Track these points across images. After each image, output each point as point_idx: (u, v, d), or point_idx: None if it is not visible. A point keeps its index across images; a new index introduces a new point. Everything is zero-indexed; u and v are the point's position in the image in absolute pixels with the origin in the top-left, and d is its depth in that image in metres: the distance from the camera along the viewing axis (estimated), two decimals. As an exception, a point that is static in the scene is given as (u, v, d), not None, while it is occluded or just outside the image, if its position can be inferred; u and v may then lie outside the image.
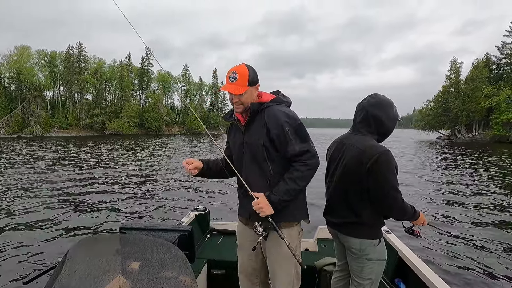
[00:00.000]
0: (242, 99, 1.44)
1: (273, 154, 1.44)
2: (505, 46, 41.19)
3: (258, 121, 1.47)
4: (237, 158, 1.56)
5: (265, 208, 1.36)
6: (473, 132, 42.18)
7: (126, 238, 1.07)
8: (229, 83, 1.42)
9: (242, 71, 1.42)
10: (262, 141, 1.44)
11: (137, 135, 54.74)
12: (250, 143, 1.48)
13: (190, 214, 2.91)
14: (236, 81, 1.40)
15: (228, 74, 1.44)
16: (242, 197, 1.59)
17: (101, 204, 6.81)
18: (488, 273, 3.64)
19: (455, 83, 44.12)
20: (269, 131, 1.43)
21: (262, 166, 1.46)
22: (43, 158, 15.92)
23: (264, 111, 1.47)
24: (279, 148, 1.43)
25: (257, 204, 1.37)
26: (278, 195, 1.38)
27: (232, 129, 1.64)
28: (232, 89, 1.41)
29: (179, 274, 0.96)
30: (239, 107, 1.46)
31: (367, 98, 1.58)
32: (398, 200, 1.43)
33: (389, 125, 1.55)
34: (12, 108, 48.95)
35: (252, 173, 1.49)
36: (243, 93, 1.42)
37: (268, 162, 1.45)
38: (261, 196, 1.39)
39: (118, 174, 11.05)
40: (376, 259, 1.53)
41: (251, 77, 1.43)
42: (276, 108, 1.47)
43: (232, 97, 1.44)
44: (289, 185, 1.39)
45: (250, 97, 1.46)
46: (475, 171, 12.07)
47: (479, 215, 6.06)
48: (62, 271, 0.85)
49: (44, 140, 35.65)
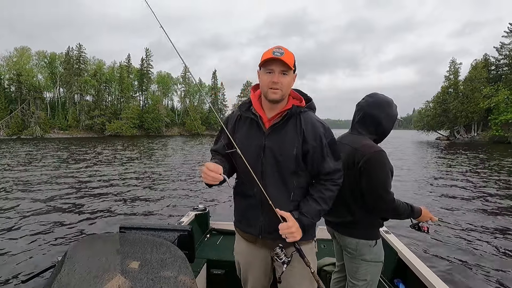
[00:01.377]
0: (284, 82, 1.19)
1: (302, 167, 1.25)
2: (503, 47, 41.35)
3: (292, 126, 1.24)
4: (250, 163, 1.23)
5: (297, 233, 1.17)
6: (472, 132, 42.27)
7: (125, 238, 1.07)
8: (275, 56, 1.16)
9: (289, 51, 1.20)
10: (295, 151, 1.22)
11: (137, 136, 54.74)
12: (276, 150, 1.23)
13: (189, 214, 2.91)
14: (284, 55, 1.16)
15: (270, 50, 1.20)
16: (249, 209, 1.31)
17: (101, 203, 6.81)
18: (488, 274, 3.63)
19: (454, 84, 44.28)
20: (305, 141, 1.23)
21: (286, 178, 1.25)
22: (42, 159, 15.90)
23: (301, 116, 1.26)
24: (311, 162, 1.24)
25: (288, 228, 1.16)
26: (310, 217, 1.21)
27: (241, 123, 1.33)
28: (284, 59, 1.15)
29: (179, 273, 0.96)
30: (276, 91, 1.19)
31: (365, 98, 1.57)
32: (388, 201, 1.40)
33: (388, 125, 1.53)
34: (12, 110, 48.92)
35: (272, 184, 1.24)
36: (288, 74, 1.19)
37: (295, 175, 1.25)
38: (289, 218, 1.18)
39: (118, 174, 11.05)
40: (372, 260, 1.50)
41: (294, 62, 1.22)
42: (313, 115, 1.29)
43: (270, 77, 1.19)
44: (321, 206, 1.23)
45: (289, 86, 1.23)
46: (474, 172, 12.07)
47: (478, 215, 6.07)
48: (62, 270, 0.85)
49: (44, 141, 35.62)
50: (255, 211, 1.29)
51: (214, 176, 1.10)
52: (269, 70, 1.19)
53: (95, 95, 57.47)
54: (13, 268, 3.59)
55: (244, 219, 1.35)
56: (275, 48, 1.20)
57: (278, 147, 1.23)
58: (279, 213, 1.19)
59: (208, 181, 1.12)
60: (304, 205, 1.23)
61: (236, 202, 1.39)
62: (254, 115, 1.27)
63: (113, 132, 54.19)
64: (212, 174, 1.10)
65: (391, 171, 1.43)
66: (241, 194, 1.34)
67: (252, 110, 1.29)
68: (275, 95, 1.20)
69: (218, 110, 76.01)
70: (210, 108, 75.94)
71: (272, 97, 1.20)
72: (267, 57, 1.18)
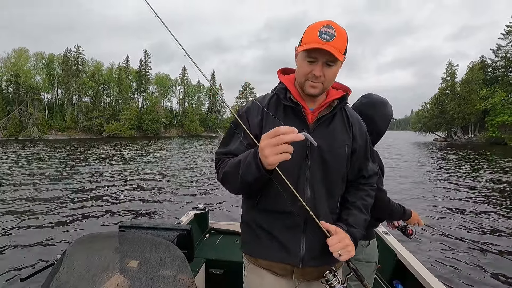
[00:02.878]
0: (329, 75, 0.94)
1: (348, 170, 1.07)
2: (500, 49, 41.72)
3: (339, 121, 1.04)
4: (292, 168, 0.96)
5: (352, 248, 0.95)
6: (469, 134, 42.57)
7: (125, 237, 1.06)
8: (322, 42, 0.88)
9: (341, 30, 0.91)
10: (347, 150, 1.02)
11: (135, 137, 54.62)
12: (326, 149, 0.99)
13: (189, 213, 2.91)
14: (334, 40, 0.88)
15: (315, 28, 0.90)
16: (285, 230, 0.99)
17: (101, 203, 6.82)
18: (486, 275, 3.64)
19: (451, 85, 44.62)
20: (355, 139, 1.05)
21: (335, 185, 1.03)
22: (40, 159, 15.82)
23: (346, 109, 1.08)
24: (355, 163, 1.07)
25: (341, 241, 0.93)
26: (360, 228, 1.01)
27: (270, 117, 1.00)
28: (333, 49, 0.88)
29: (178, 273, 0.96)
30: (316, 86, 0.95)
31: (360, 99, 1.58)
32: (382, 199, 1.41)
33: (383, 125, 1.53)
34: (10, 111, 48.68)
35: (320, 193, 0.99)
36: (335, 64, 0.93)
37: (343, 181, 1.06)
38: (339, 232, 0.95)
39: (117, 174, 11.03)
40: (365, 260, 1.49)
41: (347, 43, 0.94)
42: (353, 110, 1.12)
43: (311, 67, 0.93)
44: (366, 215, 1.06)
45: (334, 78, 0.99)
46: (472, 173, 12.12)
47: (477, 216, 6.08)
48: (61, 268, 0.85)
49: (42, 142, 35.47)
50: (294, 232, 0.99)
51: (292, 138, 0.75)
52: (311, 58, 0.93)
53: (93, 97, 57.32)
54: (12, 267, 3.59)
55: (275, 244, 1.00)
56: (324, 27, 0.89)
57: (328, 146, 0.99)
58: (325, 226, 0.95)
59: (280, 153, 0.76)
60: (348, 215, 1.03)
61: (259, 222, 1.03)
62: (294, 104, 0.99)
63: (111, 134, 54.02)
64: (289, 137, 0.75)
65: (382, 169, 1.44)
66: (272, 212, 1.00)
67: (291, 97, 1.00)
68: (313, 90, 0.96)
69: (217, 111, 76.06)
70: (208, 109, 75.98)
71: (310, 91, 0.97)
72: (311, 40, 0.89)
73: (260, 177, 0.84)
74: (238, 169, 0.89)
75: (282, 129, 0.76)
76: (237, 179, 0.91)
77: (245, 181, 0.88)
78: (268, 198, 1.01)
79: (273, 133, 0.77)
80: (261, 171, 0.82)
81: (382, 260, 1.56)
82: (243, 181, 0.89)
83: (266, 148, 0.77)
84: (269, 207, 1.01)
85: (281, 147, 0.75)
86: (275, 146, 0.76)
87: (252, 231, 1.06)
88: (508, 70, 40.53)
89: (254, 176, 0.85)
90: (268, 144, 0.77)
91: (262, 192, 1.02)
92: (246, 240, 1.09)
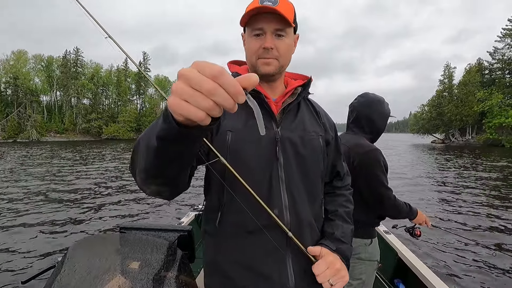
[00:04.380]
0: (282, 47, 0.80)
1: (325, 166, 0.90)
2: (496, 51, 42.06)
3: (306, 110, 0.91)
4: (258, 165, 0.78)
5: (345, 272, 0.78)
6: (467, 135, 42.80)
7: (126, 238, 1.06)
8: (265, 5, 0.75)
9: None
10: (320, 141, 0.87)
11: (134, 139, 54.36)
12: (298, 142, 0.82)
13: (189, 214, 2.91)
14: (278, 5, 0.75)
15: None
16: (263, 254, 0.78)
17: (101, 204, 6.82)
18: (487, 274, 3.65)
19: (448, 87, 44.94)
20: (326, 129, 0.91)
21: (314, 185, 0.85)
22: (39, 161, 15.76)
23: (310, 99, 0.95)
24: (329, 159, 0.93)
25: (331, 267, 0.76)
26: (349, 243, 0.86)
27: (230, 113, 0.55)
28: (278, 8, 0.74)
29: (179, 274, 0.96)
30: (269, 62, 0.80)
31: (357, 98, 1.59)
32: (389, 197, 1.42)
33: (381, 122, 1.55)
34: (8, 113, 48.56)
35: (300, 197, 0.81)
36: (286, 34, 0.79)
37: (322, 180, 0.89)
38: (325, 254, 0.78)
39: (117, 175, 11.03)
40: (367, 259, 1.51)
41: (295, 15, 0.83)
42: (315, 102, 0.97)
43: (259, 41, 0.79)
44: (352, 224, 0.92)
45: (289, 52, 0.84)
46: (471, 173, 12.15)
47: (476, 216, 6.09)
48: (62, 270, 0.85)
49: (40, 144, 35.36)
50: (276, 257, 0.77)
51: (237, 91, 0.40)
52: (257, 30, 0.79)
53: (92, 99, 57.30)
54: (13, 269, 3.59)
55: (254, 277, 0.77)
56: None
57: (300, 138, 0.83)
58: (311, 251, 0.78)
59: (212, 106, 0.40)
60: (333, 228, 0.86)
61: (225, 249, 0.81)
62: (253, 92, 0.78)
63: (110, 136, 53.93)
64: (234, 88, 0.40)
65: (386, 167, 1.45)
66: (241, 230, 0.78)
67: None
68: (268, 67, 0.80)
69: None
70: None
71: (265, 70, 0.81)
72: (252, 7, 0.75)
73: (167, 131, 0.47)
74: (148, 129, 0.56)
75: (222, 76, 0.38)
76: (143, 148, 0.56)
77: (151, 145, 0.52)
78: (230, 214, 0.78)
79: (206, 72, 0.39)
80: (168, 119, 0.46)
81: (384, 259, 1.57)
82: (148, 146, 0.53)
83: (179, 82, 0.40)
84: (234, 225, 0.79)
85: (201, 100, 0.39)
86: (194, 90, 0.39)
87: (218, 262, 0.82)
88: (504, 72, 40.86)
89: (158, 129, 0.49)
90: (187, 80, 0.39)
91: (223, 205, 0.79)
92: (212, 273, 0.85)
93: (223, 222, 0.80)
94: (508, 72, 40.56)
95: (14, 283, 3.25)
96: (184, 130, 0.45)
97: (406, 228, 1.72)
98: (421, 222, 1.59)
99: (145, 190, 0.64)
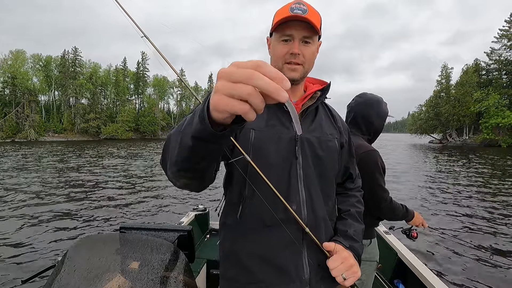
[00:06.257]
0: (307, 54, 0.84)
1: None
2: (493, 52, 42.24)
3: (323, 114, 0.96)
4: (278, 163, 0.83)
5: (357, 268, 0.81)
6: (464, 136, 42.97)
7: (126, 238, 1.06)
8: (295, 14, 0.80)
9: (312, 7, 0.84)
10: (336, 143, 0.92)
11: (133, 139, 54.44)
12: (316, 143, 0.87)
13: (189, 214, 2.91)
14: (307, 14, 0.80)
15: (285, 7, 0.82)
16: (280, 248, 0.81)
17: (101, 204, 6.81)
18: (487, 274, 3.67)
19: (445, 88, 45.08)
20: (341, 132, 0.96)
21: (329, 185, 0.91)
22: (38, 161, 15.70)
23: (326, 103, 1.00)
24: (342, 161, 0.97)
25: (345, 261, 0.80)
26: (360, 241, 0.90)
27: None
28: (308, 17, 0.79)
29: (179, 274, 0.96)
30: (296, 68, 0.84)
31: (355, 98, 1.59)
32: (385, 199, 1.42)
33: (379, 123, 1.54)
34: (6, 113, 48.35)
35: (316, 195, 0.85)
36: (312, 42, 0.84)
37: (335, 181, 0.95)
38: (340, 250, 0.82)
39: (116, 175, 11.02)
40: (366, 259, 1.51)
41: (321, 24, 0.86)
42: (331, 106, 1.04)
43: (287, 47, 0.83)
44: (363, 224, 0.95)
45: (313, 60, 0.88)
46: (467, 173, 12.20)
47: (477, 215, 6.12)
48: (62, 270, 0.85)
49: (39, 144, 35.22)
50: (292, 250, 0.81)
51: (269, 88, 0.38)
52: (286, 36, 0.83)
53: (90, 98, 57.09)
54: (13, 268, 3.59)
55: (271, 269, 0.81)
56: (294, 4, 0.81)
57: (318, 139, 0.87)
58: (326, 246, 0.82)
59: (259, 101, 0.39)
60: (346, 226, 0.90)
61: (243, 241, 0.85)
62: None
63: (109, 135, 53.79)
64: (265, 82, 0.38)
65: (383, 169, 1.45)
66: (260, 224, 0.82)
67: None
68: (294, 73, 0.84)
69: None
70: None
71: (290, 75, 0.84)
72: (283, 16, 0.80)
73: (202, 132, 0.49)
74: (181, 127, 0.59)
75: (263, 64, 0.39)
76: (176, 144, 0.59)
77: (184, 143, 0.55)
78: (249, 210, 0.83)
79: (247, 65, 0.39)
80: (204, 121, 0.47)
81: (383, 259, 1.57)
82: (182, 143, 0.56)
83: (220, 80, 0.41)
84: (253, 220, 0.83)
85: (243, 88, 0.38)
86: (235, 83, 0.39)
87: (235, 254, 0.86)
88: (501, 73, 41.05)
89: (193, 129, 0.51)
90: (227, 75, 0.40)
91: (245, 199, 0.83)
92: (227, 266, 0.90)
93: (244, 215, 0.85)
94: (505, 73, 40.73)
95: (15, 283, 3.25)
96: (218, 133, 0.48)
97: (403, 229, 1.71)
98: (417, 224, 1.59)
99: (175, 182, 0.69)
